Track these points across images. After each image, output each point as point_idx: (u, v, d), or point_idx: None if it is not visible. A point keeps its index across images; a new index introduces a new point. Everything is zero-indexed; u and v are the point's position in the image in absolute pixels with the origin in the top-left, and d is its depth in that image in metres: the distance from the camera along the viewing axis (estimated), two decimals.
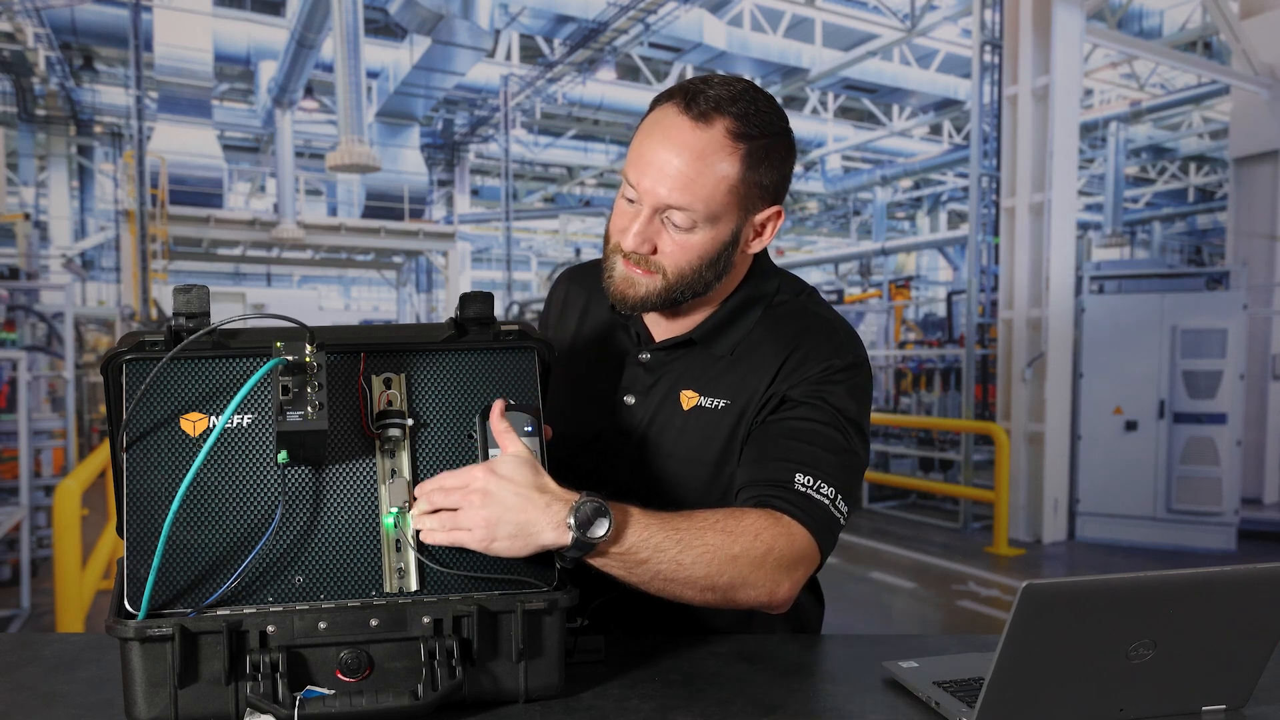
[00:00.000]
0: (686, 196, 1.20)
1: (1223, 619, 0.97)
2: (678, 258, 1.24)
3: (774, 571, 1.15)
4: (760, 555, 1.14)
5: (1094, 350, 7.12)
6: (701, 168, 1.19)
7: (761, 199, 1.26)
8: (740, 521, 1.15)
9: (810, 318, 1.35)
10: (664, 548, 1.11)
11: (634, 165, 1.23)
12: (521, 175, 17.68)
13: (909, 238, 18.92)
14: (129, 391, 1.03)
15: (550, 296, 1.54)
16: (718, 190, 1.21)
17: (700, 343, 1.34)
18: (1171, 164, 16.47)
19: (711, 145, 1.20)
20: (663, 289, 1.26)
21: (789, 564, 1.16)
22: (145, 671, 0.96)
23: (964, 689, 1.06)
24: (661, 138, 1.21)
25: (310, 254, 16.49)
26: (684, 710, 1.05)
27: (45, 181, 13.79)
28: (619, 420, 1.35)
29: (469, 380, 1.13)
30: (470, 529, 1.05)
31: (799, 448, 1.23)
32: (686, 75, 14.04)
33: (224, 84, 13.81)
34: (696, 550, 1.11)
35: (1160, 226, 16.96)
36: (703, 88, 1.22)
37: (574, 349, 1.42)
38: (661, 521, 1.12)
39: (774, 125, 1.24)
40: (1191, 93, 11.94)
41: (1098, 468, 7.10)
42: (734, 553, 1.13)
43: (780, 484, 1.20)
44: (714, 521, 1.14)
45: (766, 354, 1.31)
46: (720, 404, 1.31)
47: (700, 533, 1.12)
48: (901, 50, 13.28)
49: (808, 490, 1.19)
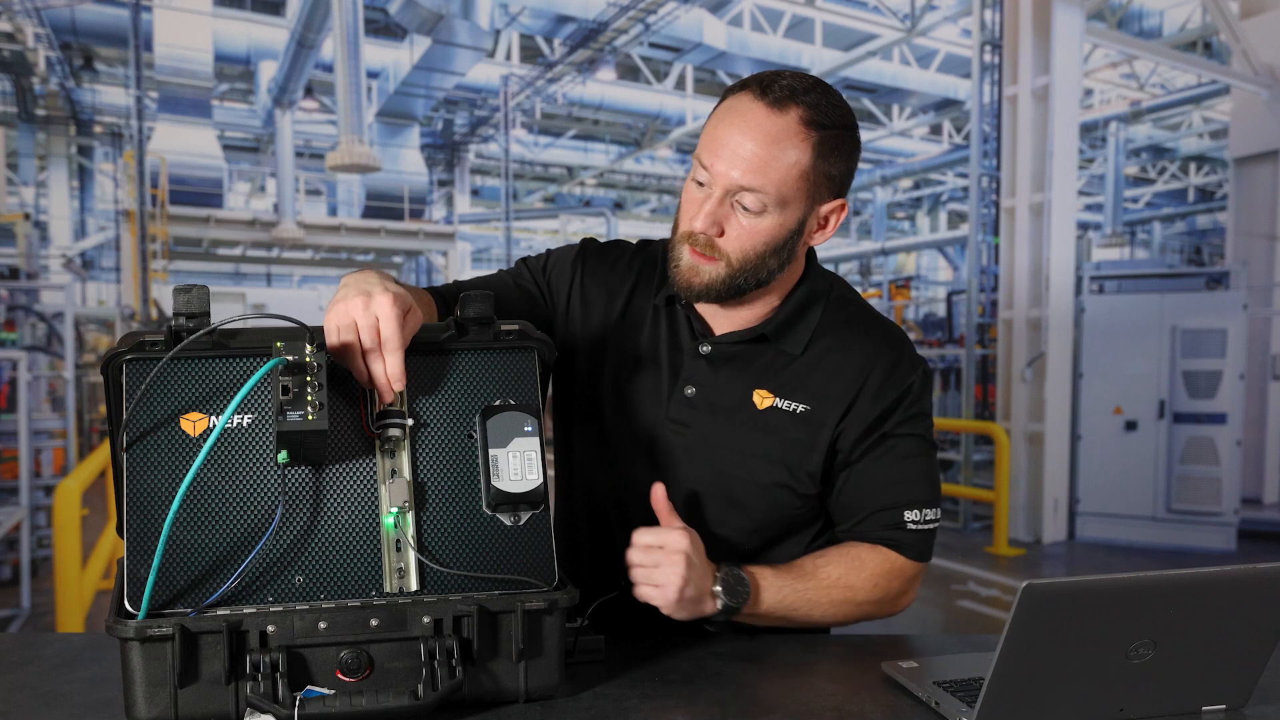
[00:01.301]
0: (759, 179, 1.22)
1: (1223, 619, 0.97)
2: (743, 242, 1.25)
3: (892, 603, 1.34)
4: (879, 598, 1.32)
5: (1094, 350, 7.12)
6: (775, 152, 1.21)
7: (828, 189, 1.27)
8: (859, 573, 1.30)
9: (874, 322, 1.39)
10: (796, 607, 1.26)
11: (707, 148, 1.25)
12: (521, 175, 17.69)
13: (909, 238, 18.93)
14: (129, 391, 1.03)
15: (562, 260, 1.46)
16: (789, 175, 1.22)
17: (772, 338, 1.34)
18: (1171, 164, 16.47)
19: (786, 131, 1.22)
20: (726, 276, 1.27)
21: (903, 591, 1.34)
22: (145, 671, 0.96)
23: (964, 689, 1.05)
24: (736, 121, 1.23)
25: (310, 254, 16.49)
26: (684, 710, 1.05)
27: (45, 181, 13.80)
28: (679, 411, 1.34)
29: (469, 380, 1.13)
30: (663, 586, 1.16)
31: (904, 484, 1.33)
32: (687, 75, 14.12)
33: (224, 84, 13.81)
34: (824, 606, 1.28)
35: (1160, 226, 16.97)
36: (776, 78, 1.25)
37: (619, 337, 1.39)
38: (792, 580, 1.26)
39: (844, 118, 1.26)
40: (1191, 93, 11.94)
41: (1098, 468, 7.10)
42: (857, 601, 1.30)
43: (893, 526, 1.32)
44: (838, 578, 1.28)
45: (843, 364, 1.33)
46: (798, 408, 1.32)
47: (827, 590, 1.28)
48: (901, 50, 13.28)
49: (918, 526, 1.32)
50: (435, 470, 1.09)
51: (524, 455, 1.09)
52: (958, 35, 12.38)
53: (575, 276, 1.43)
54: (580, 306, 1.42)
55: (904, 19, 11.95)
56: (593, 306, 1.41)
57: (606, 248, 1.47)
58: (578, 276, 1.43)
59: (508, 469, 1.08)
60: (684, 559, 1.16)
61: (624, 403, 1.36)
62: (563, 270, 1.44)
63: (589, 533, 1.40)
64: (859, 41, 12.87)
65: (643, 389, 1.36)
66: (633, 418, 1.35)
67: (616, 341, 1.39)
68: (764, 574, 1.24)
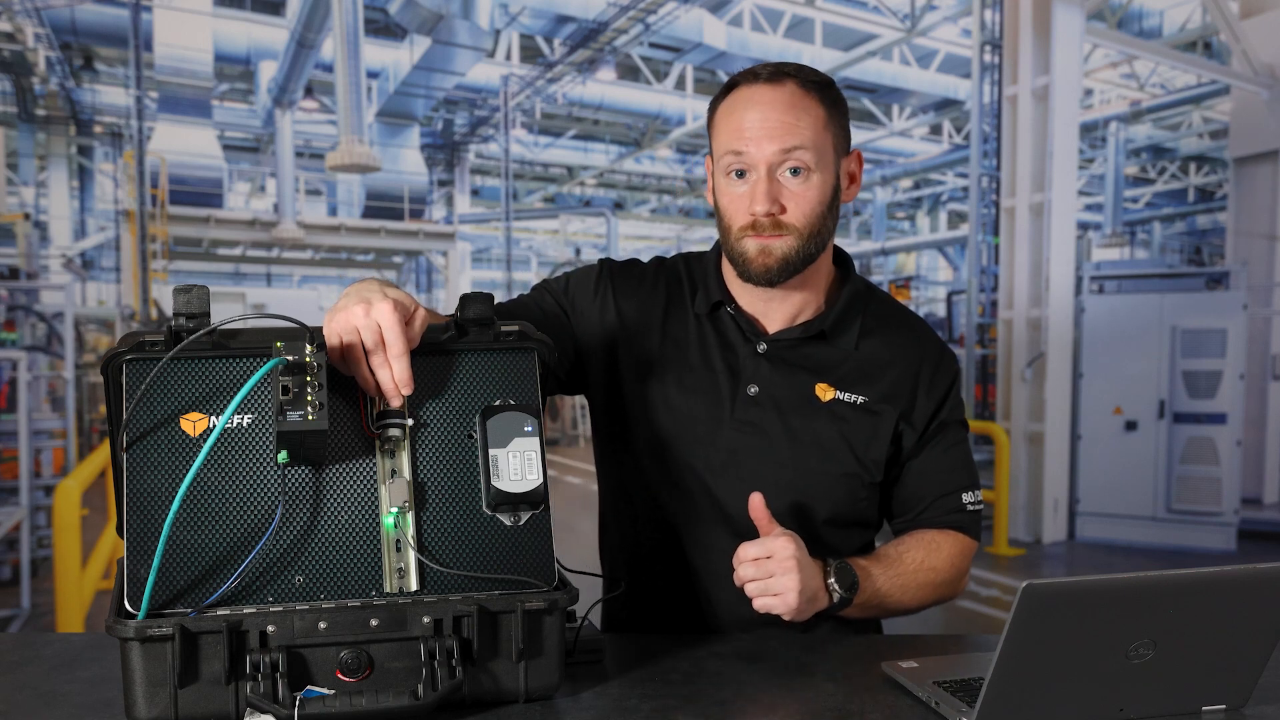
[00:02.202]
0: (795, 138, 1.29)
1: (1223, 619, 0.97)
2: (805, 208, 1.31)
3: (960, 581, 1.43)
4: (957, 577, 1.41)
5: (1094, 350, 7.11)
6: (796, 114, 1.30)
7: (845, 143, 1.37)
8: (939, 554, 1.38)
9: (909, 318, 1.48)
10: (890, 593, 1.32)
11: (737, 138, 1.30)
12: (521, 175, 17.69)
13: (909, 238, 18.93)
14: (129, 391, 1.03)
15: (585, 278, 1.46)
16: (816, 128, 1.30)
17: (830, 334, 1.40)
18: (1171, 164, 16.47)
19: (794, 95, 1.31)
20: (798, 246, 1.32)
21: (968, 569, 1.44)
22: (145, 671, 0.96)
23: (964, 689, 1.05)
24: (750, 106, 1.31)
25: (310, 254, 16.49)
26: (684, 710, 1.05)
27: (45, 181, 13.79)
28: (745, 411, 1.37)
29: (469, 380, 1.12)
30: (782, 593, 1.19)
31: (960, 468, 1.42)
32: (687, 75, 14.11)
33: (224, 84, 13.80)
34: (913, 591, 1.35)
35: (1160, 226, 16.97)
36: (757, 68, 1.34)
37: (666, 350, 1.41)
38: (885, 568, 1.32)
39: (831, 85, 1.36)
40: (1191, 93, 11.93)
41: (1098, 468, 7.09)
42: (937, 583, 1.38)
43: (956, 509, 1.41)
44: (921, 562, 1.36)
45: (895, 359, 1.41)
46: (859, 399, 1.38)
47: (914, 575, 1.35)
48: (901, 50, 13.28)
49: (973, 507, 1.41)
50: (435, 470, 1.09)
51: (524, 455, 1.09)
52: (958, 35, 12.38)
53: (606, 298, 1.44)
54: (619, 325, 1.42)
55: (904, 19, 11.95)
56: (632, 326, 1.42)
57: (629, 266, 1.49)
58: (610, 298, 1.44)
59: (508, 469, 1.08)
60: (795, 564, 1.19)
61: (685, 412, 1.38)
62: (586, 292, 1.45)
63: (657, 547, 1.41)
64: (859, 41, 12.87)
65: (702, 396, 1.38)
66: (695, 425, 1.38)
67: (663, 355, 1.41)
68: (860, 563, 1.29)
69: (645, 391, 1.40)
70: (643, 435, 1.40)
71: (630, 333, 1.42)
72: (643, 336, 1.42)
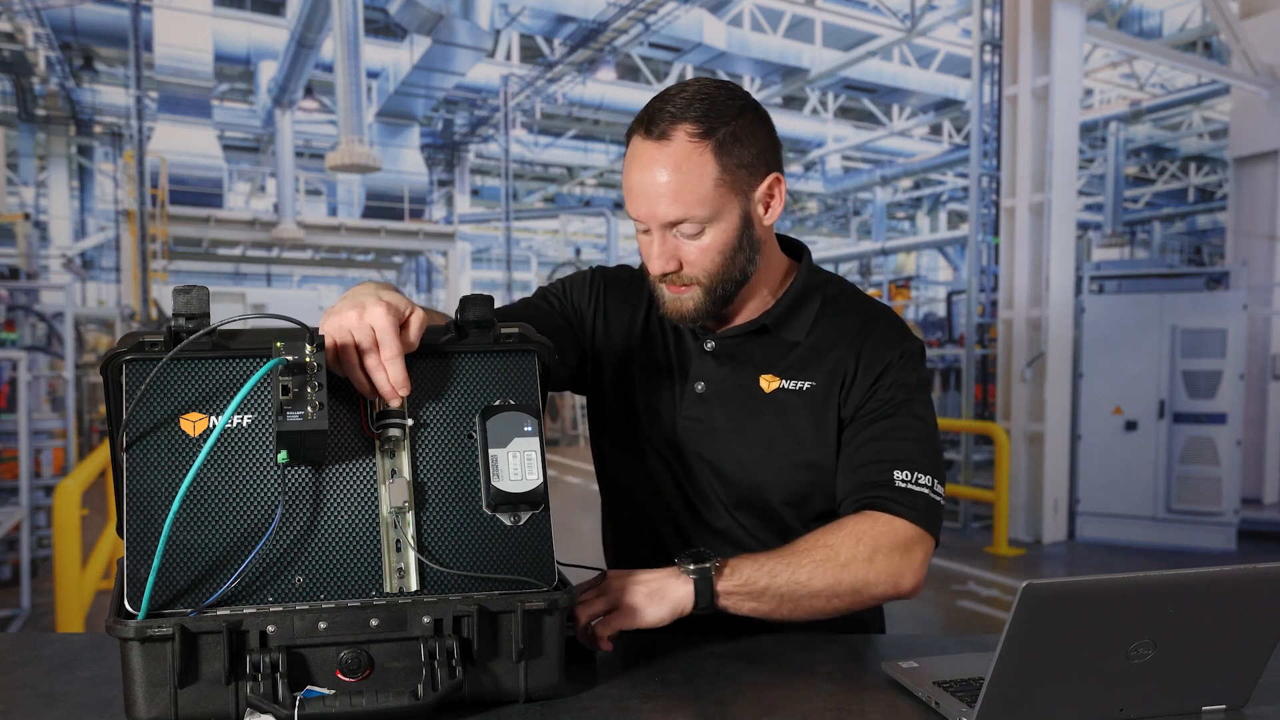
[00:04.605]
0: (681, 207, 1.26)
1: (1223, 619, 0.97)
2: (703, 262, 1.31)
3: (886, 565, 1.25)
4: (868, 555, 1.24)
5: (1094, 350, 7.11)
6: (682, 178, 1.26)
7: (752, 176, 1.30)
8: (839, 532, 1.26)
9: (870, 305, 1.45)
10: (777, 571, 1.23)
11: (629, 199, 1.31)
12: (521, 175, 17.69)
13: (909, 238, 18.93)
14: (129, 392, 1.03)
15: (579, 283, 1.53)
16: (705, 189, 1.26)
17: (773, 328, 1.40)
18: (1171, 164, 16.47)
19: (680, 154, 1.26)
20: (705, 295, 1.33)
21: (900, 553, 1.26)
22: (145, 671, 0.96)
23: (964, 689, 1.05)
24: (638, 165, 1.29)
25: (310, 254, 16.50)
26: (684, 710, 1.05)
27: (45, 181, 13.80)
28: (692, 408, 1.41)
29: (469, 382, 1.13)
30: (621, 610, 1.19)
31: (893, 446, 1.32)
32: (687, 75, 14.11)
33: (224, 84, 13.81)
34: (807, 568, 1.23)
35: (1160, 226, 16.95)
36: (659, 105, 1.29)
37: (634, 350, 1.47)
38: (768, 553, 1.25)
39: (731, 109, 1.28)
40: (1191, 93, 11.94)
41: (1098, 468, 7.09)
42: (842, 560, 1.24)
43: (879, 485, 1.29)
44: (815, 539, 1.26)
45: (841, 339, 1.39)
46: (804, 385, 1.38)
47: (806, 552, 1.24)
48: (901, 50, 13.28)
49: (907, 485, 1.29)
50: (435, 470, 1.09)
51: (524, 455, 1.09)
52: (958, 35, 12.38)
53: (597, 301, 1.50)
54: (604, 330, 1.49)
55: (904, 19, 11.95)
56: (617, 328, 1.49)
57: (619, 272, 1.55)
58: (600, 301, 1.50)
59: (508, 469, 1.09)
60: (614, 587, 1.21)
61: (647, 410, 1.44)
62: (581, 295, 1.51)
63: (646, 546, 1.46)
64: (859, 41, 12.87)
65: (662, 394, 1.44)
66: (655, 422, 1.43)
67: (639, 356, 1.47)
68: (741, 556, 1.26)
69: (620, 393, 1.46)
70: (624, 434, 1.46)
71: (613, 338, 1.48)
72: (623, 340, 1.48)
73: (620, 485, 1.50)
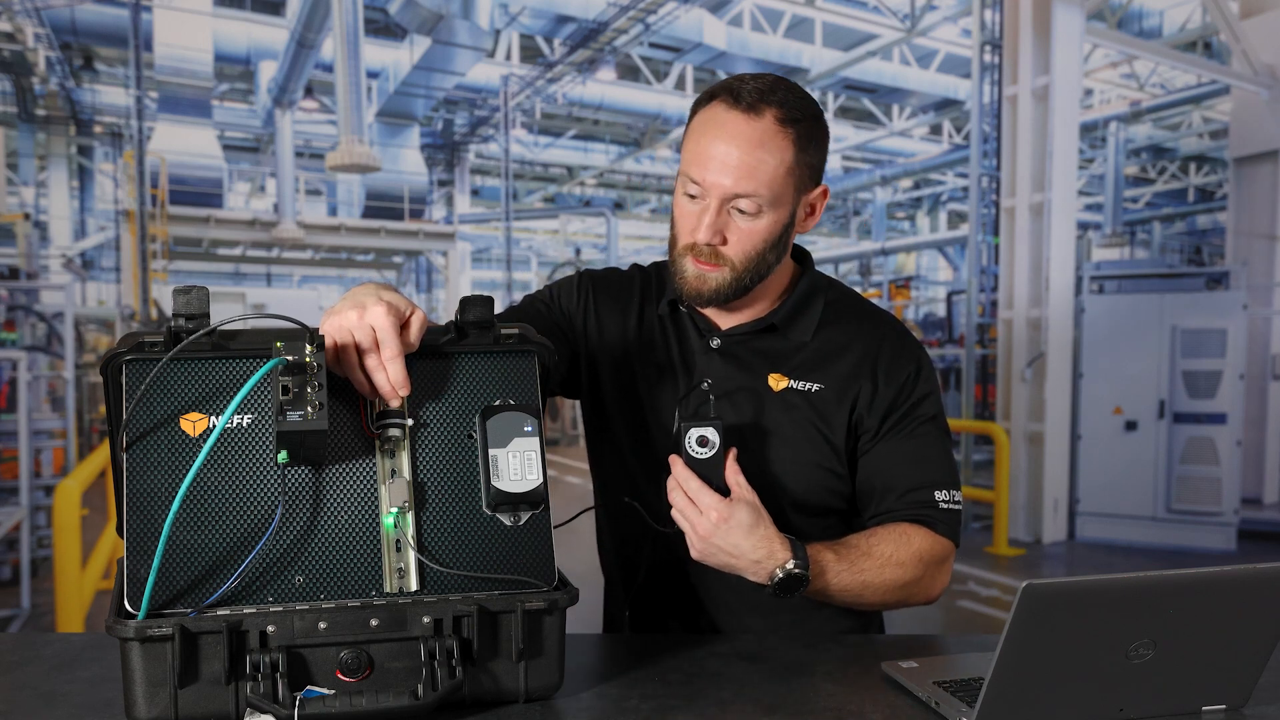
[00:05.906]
0: (751, 184, 1.27)
1: (1223, 619, 0.97)
2: (745, 245, 1.31)
3: (930, 585, 1.34)
4: (920, 577, 1.31)
5: (1094, 350, 7.11)
6: (762, 155, 1.26)
7: (811, 179, 1.33)
8: (908, 549, 1.30)
9: (875, 312, 1.47)
10: (849, 588, 1.26)
11: (696, 163, 1.29)
12: (521, 175, 17.68)
13: (909, 238, 18.93)
14: (129, 392, 1.03)
15: (566, 287, 1.52)
16: (778, 174, 1.28)
17: (781, 327, 1.40)
18: (1171, 164, 16.46)
19: (766, 133, 1.27)
20: (732, 280, 1.33)
21: (937, 565, 1.34)
22: (145, 671, 0.96)
23: (964, 689, 1.06)
24: (718, 132, 1.28)
25: (310, 254, 16.49)
26: (684, 710, 1.05)
27: (45, 181, 13.79)
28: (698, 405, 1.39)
29: (469, 382, 1.13)
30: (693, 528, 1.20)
31: (933, 466, 1.36)
32: (687, 75, 14.11)
33: (224, 84, 13.80)
34: (876, 588, 1.28)
35: (1160, 226, 16.95)
36: (742, 83, 1.29)
37: (631, 351, 1.46)
38: (849, 563, 1.26)
39: (813, 109, 1.32)
40: (1191, 93, 11.93)
41: (1098, 468, 7.09)
42: (905, 580, 1.30)
43: (928, 504, 1.34)
44: (889, 555, 1.29)
45: (850, 345, 1.40)
46: (813, 388, 1.38)
47: (879, 570, 1.28)
48: (901, 50, 13.28)
49: (948, 505, 1.35)
50: (435, 470, 1.09)
51: (524, 455, 1.09)
52: (958, 35, 12.38)
53: (587, 303, 1.49)
54: (598, 331, 1.48)
55: (904, 19, 11.95)
56: (610, 329, 1.48)
57: (606, 274, 1.55)
58: (590, 303, 1.49)
59: (508, 469, 1.09)
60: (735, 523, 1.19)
61: (649, 410, 1.42)
62: (569, 299, 1.50)
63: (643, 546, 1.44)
64: (859, 41, 12.86)
65: (664, 393, 1.42)
66: (657, 422, 1.41)
67: (636, 354, 1.46)
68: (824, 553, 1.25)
69: (621, 392, 1.45)
70: (622, 434, 1.44)
71: (607, 338, 1.48)
72: (619, 340, 1.47)
73: (620, 485, 1.47)
